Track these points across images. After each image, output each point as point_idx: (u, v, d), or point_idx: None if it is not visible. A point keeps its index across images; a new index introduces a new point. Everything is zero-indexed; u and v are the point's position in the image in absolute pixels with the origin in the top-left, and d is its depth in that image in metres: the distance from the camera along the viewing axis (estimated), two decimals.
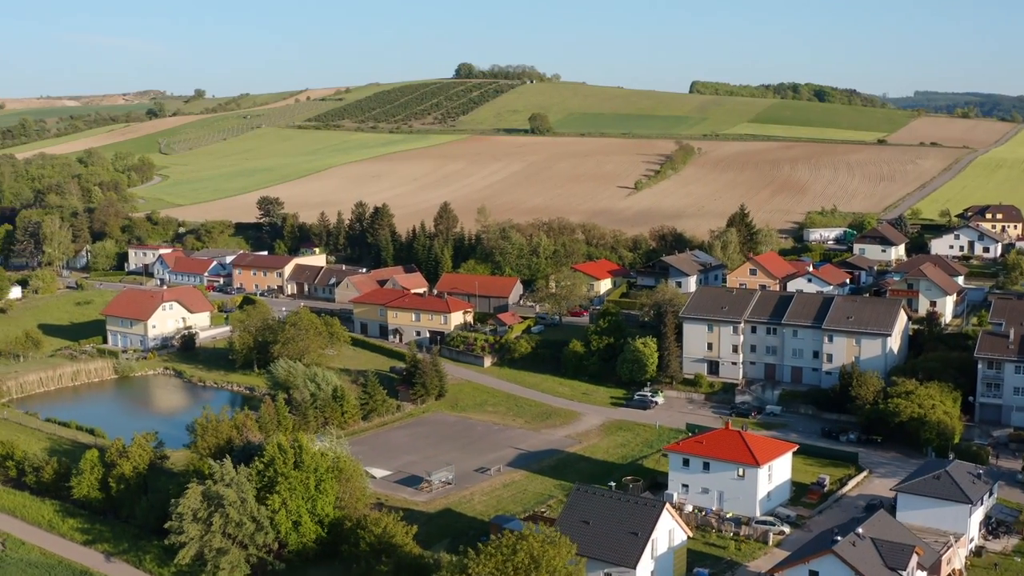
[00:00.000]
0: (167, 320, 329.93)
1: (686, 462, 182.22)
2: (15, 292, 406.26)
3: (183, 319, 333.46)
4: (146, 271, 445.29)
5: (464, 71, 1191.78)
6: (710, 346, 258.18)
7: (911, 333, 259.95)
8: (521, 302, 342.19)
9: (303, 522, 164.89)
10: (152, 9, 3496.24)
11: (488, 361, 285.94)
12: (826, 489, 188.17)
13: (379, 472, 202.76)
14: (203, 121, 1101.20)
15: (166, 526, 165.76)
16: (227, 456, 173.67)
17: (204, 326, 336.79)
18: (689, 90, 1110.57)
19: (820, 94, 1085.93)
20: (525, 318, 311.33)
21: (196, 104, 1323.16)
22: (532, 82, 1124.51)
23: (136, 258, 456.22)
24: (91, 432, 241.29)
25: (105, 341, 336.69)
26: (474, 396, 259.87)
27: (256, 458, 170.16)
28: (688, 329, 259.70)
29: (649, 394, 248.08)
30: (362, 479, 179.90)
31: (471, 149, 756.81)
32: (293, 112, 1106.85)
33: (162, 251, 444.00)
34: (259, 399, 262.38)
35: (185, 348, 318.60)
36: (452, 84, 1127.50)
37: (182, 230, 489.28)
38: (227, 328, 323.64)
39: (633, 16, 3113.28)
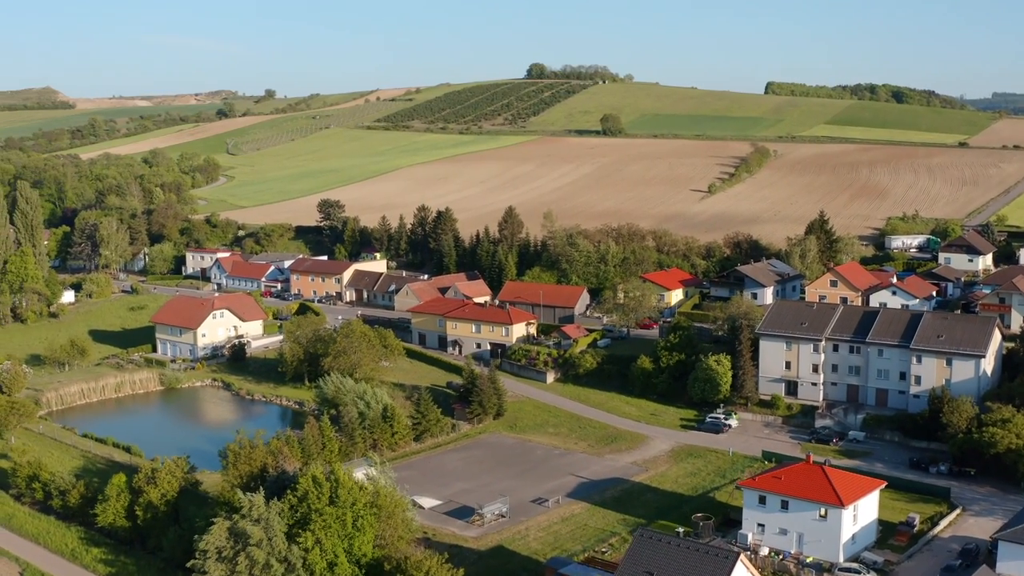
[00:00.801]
0: (217, 329, 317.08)
1: (762, 499, 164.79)
2: (68, 296, 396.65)
3: (234, 327, 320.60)
4: (203, 275, 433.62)
5: (536, 71, 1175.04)
6: (788, 365, 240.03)
7: (1004, 352, 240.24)
8: (587, 313, 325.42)
9: (339, 563, 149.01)
10: (226, 10, 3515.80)
11: (551, 377, 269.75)
12: (916, 529, 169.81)
13: (428, 502, 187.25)
14: (272, 121, 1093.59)
15: (188, 565, 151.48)
16: (260, 487, 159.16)
17: (256, 335, 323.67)
18: (764, 91, 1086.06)
19: (898, 95, 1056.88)
20: (591, 331, 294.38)
21: (266, 104, 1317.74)
22: (604, 82, 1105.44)
23: (193, 262, 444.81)
24: (127, 450, 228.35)
25: (154, 350, 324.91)
26: (535, 415, 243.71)
27: (289, 491, 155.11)
28: (765, 346, 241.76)
29: (722, 416, 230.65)
30: (406, 513, 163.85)
31: (541, 151, 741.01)
32: (363, 112, 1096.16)
33: (220, 255, 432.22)
34: (308, 415, 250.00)
35: (235, 358, 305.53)
36: (523, 84, 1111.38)
37: (241, 233, 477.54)
38: (280, 337, 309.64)
39: (707, 15, 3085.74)
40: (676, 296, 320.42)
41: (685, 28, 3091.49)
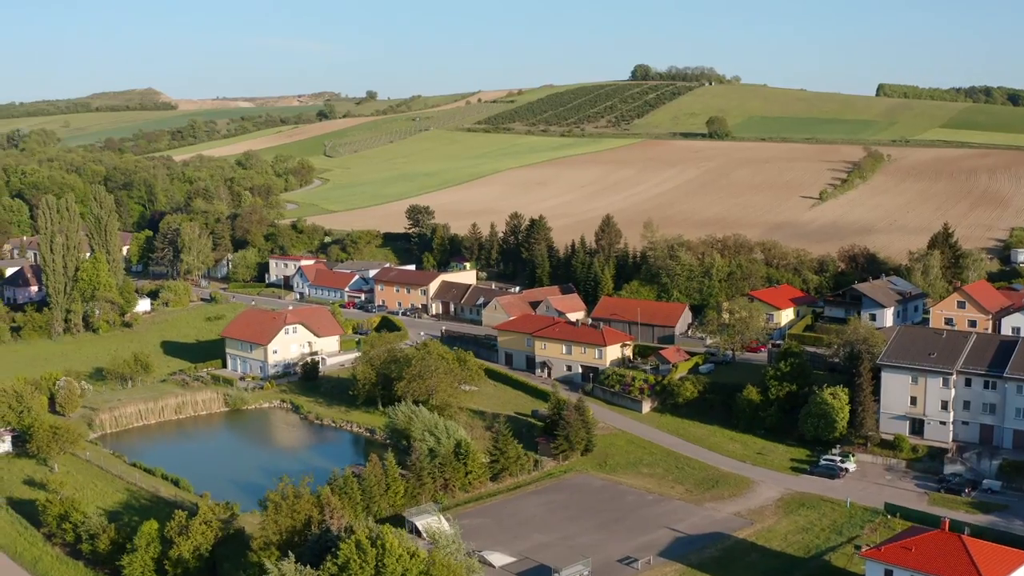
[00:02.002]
0: (290, 345, 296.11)
1: (889, 574, 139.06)
2: (143, 305, 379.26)
3: (308, 343, 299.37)
4: (286, 284, 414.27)
5: (640, 72, 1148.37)
6: (914, 401, 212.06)
7: None
8: (689, 333, 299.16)
9: None
10: (330, 12, 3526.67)
11: (647, 406, 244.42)
12: None
13: (499, 559, 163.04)
14: (371, 123, 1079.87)
15: None
16: (302, 543, 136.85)
17: (332, 351, 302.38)
18: (876, 93, 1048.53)
19: (1014, 98, 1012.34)
20: (692, 354, 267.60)
21: (367, 106, 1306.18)
22: (711, 84, 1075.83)
23: (277, 269, 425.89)
24: (175, 483, 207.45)
25: (224, 365, 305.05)
26: (627, 452, 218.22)
27: (329, 557, 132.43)
28: (887, 379, 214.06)
29: (838, 459, 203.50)
30: None
31: (644, 154, 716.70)
32: (463, 114, 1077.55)
33: (303, 262, 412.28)
34: (375, 450, 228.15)
35: (307, 377, 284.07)
36: (628, 86, 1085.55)
37: (327, 240, 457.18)
38: (357, 354, 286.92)
39: (816, 15, 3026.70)
40: (786, 316, 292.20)
41: (794, 28, 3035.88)
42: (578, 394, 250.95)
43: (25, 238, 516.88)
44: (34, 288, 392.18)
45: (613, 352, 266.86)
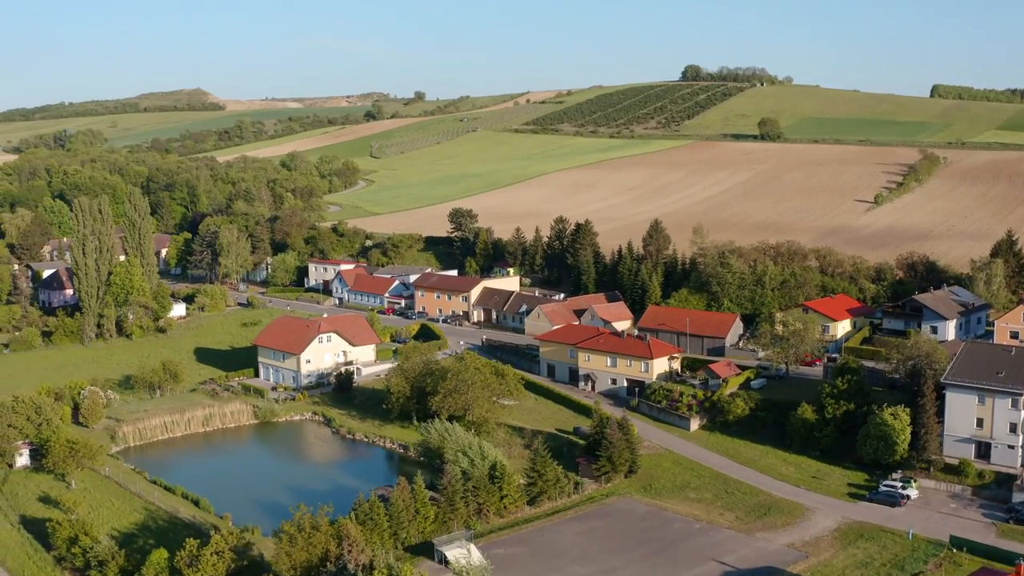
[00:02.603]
0: (324, 354, 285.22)
1: None
2: (178, 310, 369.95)
3: (343, 352, 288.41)
4: (325, 288, 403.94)
5: (691, 73, 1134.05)
6: (980, 422, 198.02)
7: None
8: (740, 344, 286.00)
9: None
10: (379, 13, 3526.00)
11: (695, 424, 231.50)
12: None
13: None
14: (419, 124, 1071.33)
15: None
16: None
17: (367, 361, 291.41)
18: (930, 94, 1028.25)
19: None
20: (743, 368, 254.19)
21: (415, 107, 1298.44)
22: (762, 84, 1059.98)
23: (316, 273, 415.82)
24: (196, 503, 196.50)
25: (256, 374, 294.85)
26: (674, 473, 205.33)
27: None
28: (952, 399, 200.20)
29: (899, 485, 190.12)
30: None
31: (694, 156, 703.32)
32: (511, 115, 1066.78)
33: (343, 267, 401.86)
34: (413, 461, 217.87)
35: (341, 388, 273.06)
36: (678, 87, 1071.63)
37: (368, 243, 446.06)
38: (394, 364, 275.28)
39: (868, 15, 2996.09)
40: (842, 328, 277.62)
41: (845, 28, 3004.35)
42: (622, 410, 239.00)
43: (65, 240, 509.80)
44: (69, 291, 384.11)
45: (660, 365, 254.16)
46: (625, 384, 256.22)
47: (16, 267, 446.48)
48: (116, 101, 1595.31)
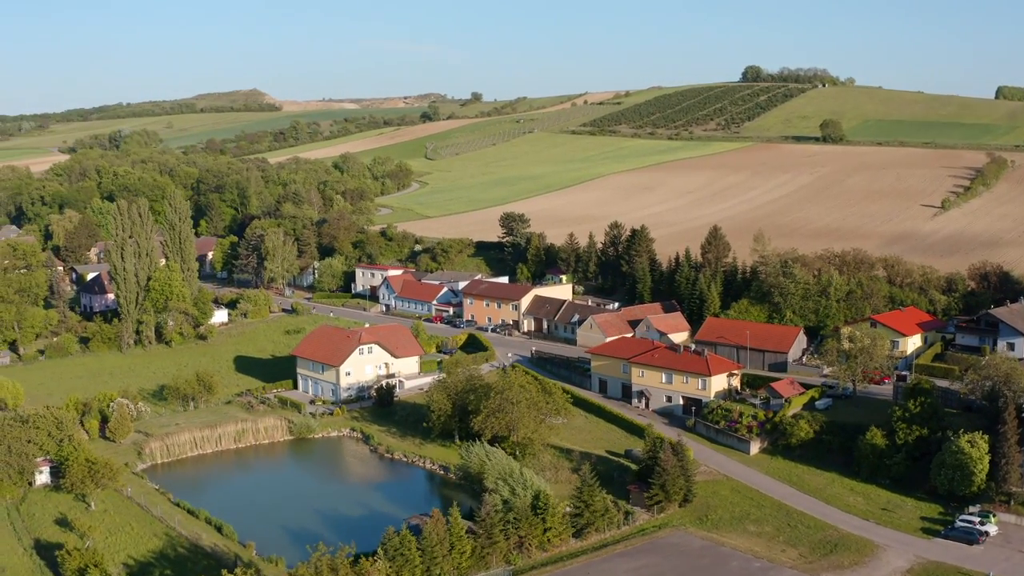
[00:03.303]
0: (364, 366, 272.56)
1: None
2: (220, 316, 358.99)
3: (385, 364, 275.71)
4: (372, 294, 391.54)
5: (751, 74, 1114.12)
6: None
7: None
8: (803, 359, 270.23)
9: None
10: (437, 13, 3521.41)
11: (755, 447, 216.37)
12: None
13: None
14: (475, 125, 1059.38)
15: None
16: None
17: (411, 373, 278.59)
18: (995, 95, 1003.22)
19: None
20: (807, 386, 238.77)
21: (472, 108, 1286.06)
22: (824, 86, 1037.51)
23: (363, 279, 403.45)
24: (219, 529, 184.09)
25: (295, 386, 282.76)
26: (732, 503, 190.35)
27: None
28: None
29: (977, 520, 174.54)
30: None
31: (755, 159, 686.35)
32: (568, 116, 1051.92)
33: (390, 272, 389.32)
34: (453, 484, 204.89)
35: (381, 402, 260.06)
36: (738, 88, 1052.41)
37: (418, 248, 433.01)
38: (438, 376, 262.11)
39: (932, 15, 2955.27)
40: (913, 343, 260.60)
41: (908, 28, 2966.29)
42: (677, 431, 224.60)
43: (112, 242, 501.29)
44: (110, 295, 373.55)
45: (719, 382, 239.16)
46: (681, 402, 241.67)
47: (60, 270, 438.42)
48: (173, 102, 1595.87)
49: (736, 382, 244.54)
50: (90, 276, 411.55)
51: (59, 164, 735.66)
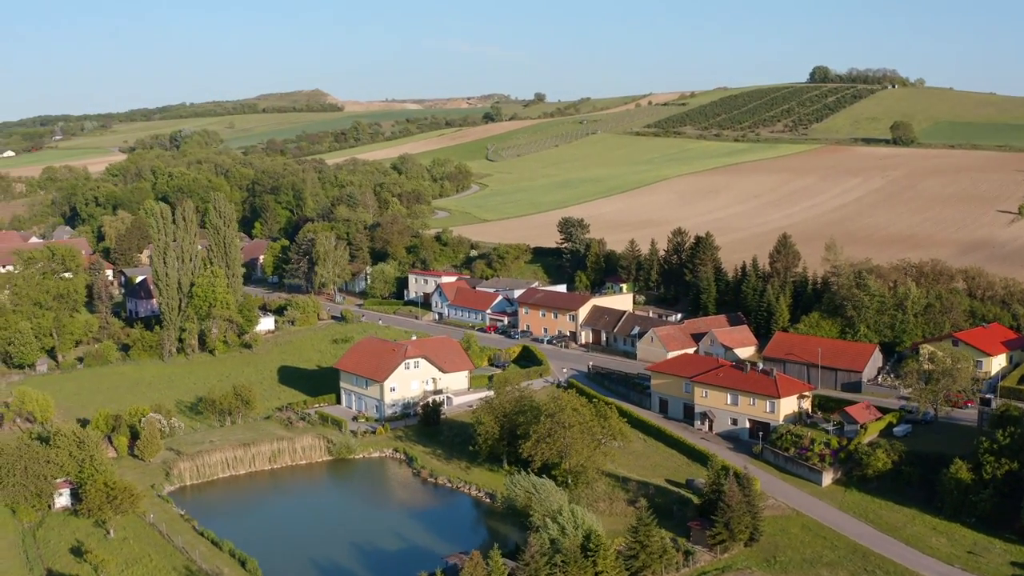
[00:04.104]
0: (410, 382, 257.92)
1: None
2: (266, 323, 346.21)
3: (432, 380, 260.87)
4: (425, 302, 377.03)
5: (819, 75, 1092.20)
6: None
7: None
8: (879, 379, 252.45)
9: None
10: (501, 13, 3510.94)
11: (828, 478, 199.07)
12: None
13: None
14: (537, 126, 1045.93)
15: None
16: None
17: (460, 389, 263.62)
18: None
19: None
20: (883, 410, 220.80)
21: (535, 108, 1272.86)
22: (893, 87, 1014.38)
23: (416, 285, 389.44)
24: (243, 564, 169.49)
25: (338, 400, 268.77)
26: (803, 542, 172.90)
27: None
28: None
29: None
30: None
31: (823, 161, 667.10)
32: (632, 117, 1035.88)
33: (444, 279, 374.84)
34: (500, 514, 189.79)
35: (427, 421, 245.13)
36: (805, 89, 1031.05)
37: (473, 253, 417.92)
38: (488, 393, 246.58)
39: (1002, 15, 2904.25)
40: (997, 363, 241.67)
41: (979, 29, 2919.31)
42: (743, 458, 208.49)
43: (155, 246, 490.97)
44: (156, 301, 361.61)
45: (788, 405, 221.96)
46: (747, 425, 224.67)
47: (110, 273, 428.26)
48: (235, 102, 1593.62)
49: (807, 405, 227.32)
50: (139, 279, 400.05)
51: (115, 164, 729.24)
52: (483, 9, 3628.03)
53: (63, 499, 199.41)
